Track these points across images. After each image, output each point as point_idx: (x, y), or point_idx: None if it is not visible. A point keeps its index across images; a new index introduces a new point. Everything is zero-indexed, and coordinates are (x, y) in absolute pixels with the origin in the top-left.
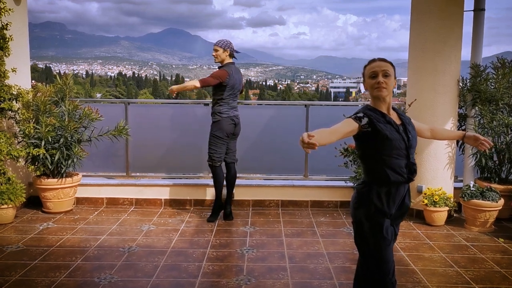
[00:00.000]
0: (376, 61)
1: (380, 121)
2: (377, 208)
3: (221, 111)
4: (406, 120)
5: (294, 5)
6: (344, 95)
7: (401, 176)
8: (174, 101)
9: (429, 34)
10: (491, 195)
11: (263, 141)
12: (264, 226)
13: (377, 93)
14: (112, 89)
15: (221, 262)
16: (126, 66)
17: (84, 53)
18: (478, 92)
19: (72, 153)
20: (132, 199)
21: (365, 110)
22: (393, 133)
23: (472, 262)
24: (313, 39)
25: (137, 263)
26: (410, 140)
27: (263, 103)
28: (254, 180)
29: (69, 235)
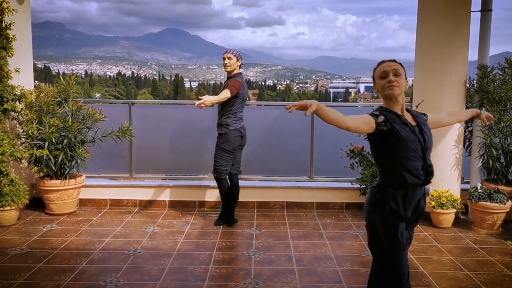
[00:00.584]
0: (385, 62)
1: (396, 122)
2: (392, 211)
3: (228, 123)
4: (421, 121)
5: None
6: (343, 96)
7: (418, 178)
8: (176, 102)
9: (435, 35)
10: (498, 197)
11: (267, 142)
12: (269, 228)
13: (389, 91)
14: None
15: (228, 265)
16: (125, 66)
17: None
18: (486, 93)
19: (76, 154)
20: (136, 201)
21: (380, 110)
22: (409, 134)
23: (482, 265)
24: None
25: (143, 266)
26: (426, 141)
27: (266, 103)
28: (258, 181)
29: (73, 237)
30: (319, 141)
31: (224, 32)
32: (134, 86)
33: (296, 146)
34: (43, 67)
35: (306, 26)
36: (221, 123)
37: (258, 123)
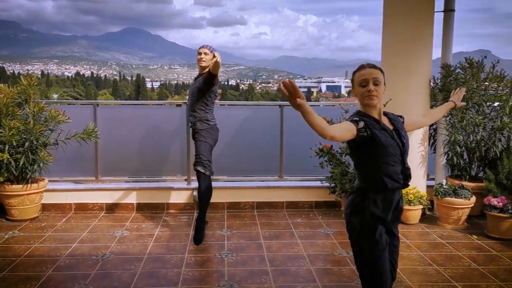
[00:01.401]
0: (366, 68)
1: (376, 128)
2: (373, 215)
3: (208, 118)
4: (398, 125)
5: (254, 5)
6: (306, 95)
7: (397, 182)
8: (142, 103)
9: (401, 35)
10: (463, 192)
11: (236, 143)
12: (241, 229)
13: (368, 101)
14: (69, 90)
15: (201, 267)
16: (84, 66)
17: (39, 53)
18: (449, 92)
19: (38, 158)
20: (102, 204)
21: (359, 115)
22: (389, 139)
23: (450, 260)
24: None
25: (112, 271)
26: (404, 145)
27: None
28: (228, 182)
29: (37, 243)
30: (288, 141)
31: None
32: (94, 86)
33: (265, 146)
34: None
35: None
36: (200, 118)
37: (226, 123)
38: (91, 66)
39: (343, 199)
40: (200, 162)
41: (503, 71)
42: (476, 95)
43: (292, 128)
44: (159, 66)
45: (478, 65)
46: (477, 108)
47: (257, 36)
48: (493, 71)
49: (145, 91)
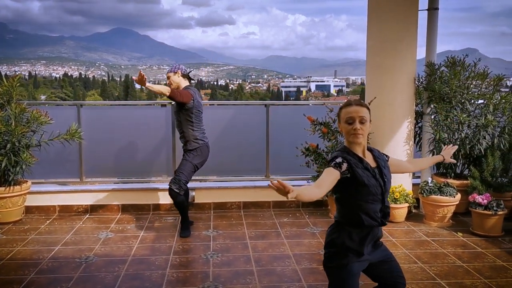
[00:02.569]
0: (352, 105)
1: (359, 167)
2: (348, 248)
3: (197, 137)
4: (382, 163)
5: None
6: (295, 94)
7: (375, 220)
8: (128, 103)
9: (386, 33)
10: (448, 190)
11: (223, 143)
12: (227, 229)
13: (353, 139)
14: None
15: (186, 268)
16: (72, 67)
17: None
18: (433, 91)
19: (20, 159)
20: (87, 206)
21: (343, 154)
22: (370, 179)
23: (435, 257)
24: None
25: (96, 274)
26: (386, 184)
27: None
28: (215, 182)
29: (20, 246)
30: (274, 140)
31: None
32: (82, 87)
33: (252, 146)
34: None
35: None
36: (189, 138)
37: (213, 123)
38: (79, 67)
39: (330, 198)
40: (177, 181)
41: (486, 68)
42: (459, 94)
43: (278, 128)
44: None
45: (461, 63)
46: (461, 106)
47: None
48: (475, 69)
49: (134, 91)
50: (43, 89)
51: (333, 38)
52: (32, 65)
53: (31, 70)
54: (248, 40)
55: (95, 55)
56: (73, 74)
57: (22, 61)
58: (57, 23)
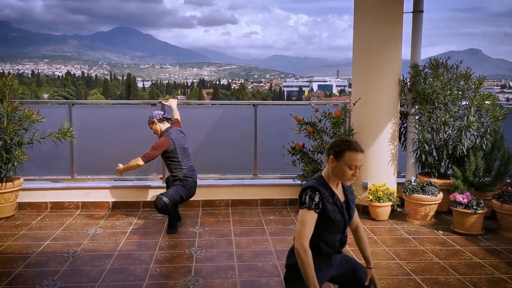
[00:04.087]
0: (359, 152)
1: (329, 202)
2: None
3: (186, 174)
4: (350, 196)
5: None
6: (297, 94)
7: (332, 249)
8: (121, 102)
9: (371, 34)
10: (430, 189)
11: (212, 141)
12: (213, 226)
13: (347, 182)
14: (60, 89)
15: (169, 263)
16: (75, 66)
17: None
18: (417, 92)
19: (12, 157)
20: (78, 203)
21: (319, 185)
22: (337, 215)
23: (413, 254)
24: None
25: (81, 268)
26: (350, 218)
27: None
28: (204, 180)
29: (10, 241)
30: (262, 139)
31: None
32: (85, 86)
33: (240, 145)
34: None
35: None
36: (178, 177)
37: (202, 122)
38: (82, 66)
39: None
40: (167, 196)
41: (469, 69)
42: (442, 95)
43: (266, 127)
44: (150, 66)
45: (443, 65)
46: (443, 107)
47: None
48: (457, 71)
49: (136, 90)
50: (46, 87)
51: (336, 38)
52: (35, 64)
53: (34, 68)
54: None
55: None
56: (76, 73)
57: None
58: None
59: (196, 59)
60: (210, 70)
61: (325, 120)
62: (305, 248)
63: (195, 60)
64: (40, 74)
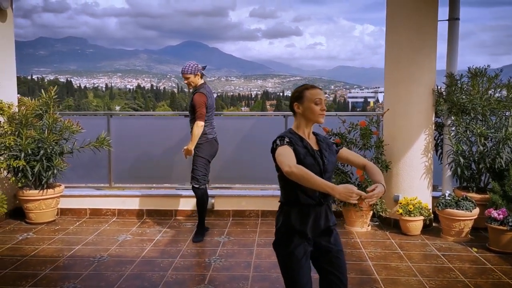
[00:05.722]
0: (317, 88)
1: (298, 144)
2: (287, 226)
3: (206, 132)
4: (323, 145)
5: (310, 15)
6: (362, 105)
7: (312, 199)
8: (158, 113)
9: (403, 44)
10: (465, 204)
11: (245, 151)
12: (239, 236)
13: (319, 119)
14: (130, 102)
15: (187, 271)
16: (145, 79)
17: (104, 67)
18: (452, 102)
19: (53, 165)
20: (114, 210)
21: (288, 133)
22: (308, 157)
23: (438, 271)
24: (329, 49)
25: (103, 272)
26: (325, 164)
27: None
28: (235, 190)
29: (46, 245)
30: None
31: (241, 44)
32: (153, 98)
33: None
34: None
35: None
36: (204, 132)
37: (234, 133)
38: (152, 79)
39: (345, 209)
40: (194, 177)
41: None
42: (479, 106)
43: None
44: (216, 78)
45: (482, 74)
46: (481, 118)
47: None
48: (496, 80)
49: None
50: (118, 100)
51: None
52: (109, 78)
53: (108, 82)
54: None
55: (167, 67)
56: (146, 86)
57: (100, 74)
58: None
59: (260, 71)
60: (274, 82)
61: (354, 132)
62: (293, 166)
63: (259, 72)
64: (113, 88)
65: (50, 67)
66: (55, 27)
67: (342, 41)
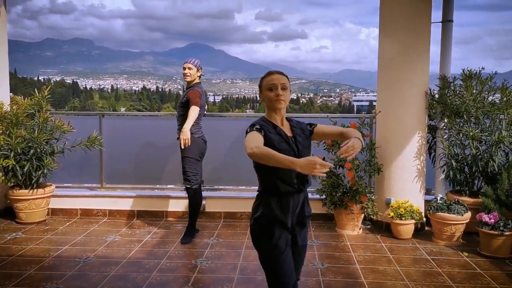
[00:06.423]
0: (274, 73)
1: (271, 132)
2: (267, 217)
3: (192, 131)
4: (297, 131)
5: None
6: (367, 108)
7: (291, 186)
8: (150, 114)
9: (395, 45)
10: (457, 208)
11: (236, 152)
12: (228, 238)
13: (276, 105)
14: (136, 103)
15: (172, 273)
16: (151, 81)
17: (110, 68)
18: (445, 104)
19: (43, 164)
20: (105, 210)
21: (260, 121)
22: (282, 144)
23: (426, 276)
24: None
25: (88, 273)
26: (300, 150)
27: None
28: (226, 192)
29: (33, 245)
30: None
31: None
32: (159, 100)
33: None
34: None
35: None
36: None
37: (226, 134)
38: (157, 81)
39: (336, 212)
40: (185, 178)
41: (506, 82)
42: (473, 108)
43: None
44: (221, 81)
45: (476, 76)
46: (474, 121)
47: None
48: (490, 82)
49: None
50: (123, 101)
51: None
52: (115, 79)
53: (114, 83)
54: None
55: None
56: (151, 88)
57: (106, 75)
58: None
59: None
60: None
61: None
62: (254, 147)
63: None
64: (119, 89)
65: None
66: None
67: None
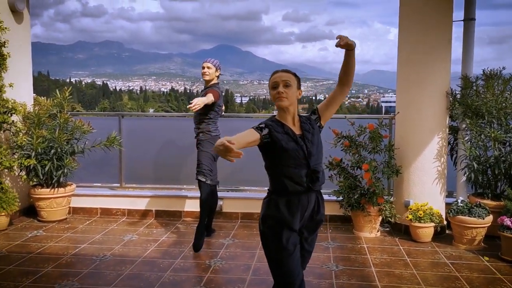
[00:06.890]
0: (278, 72)
1: (278, 131)
2: (275, 218)
3: (210, 129)
4: (306, 127)
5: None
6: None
7: (300, 185)
8: (169, 115)
9: (415, 46)
10: (478, 211)
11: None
12: (244, 238)
13: (278, 102)
14: (164, 104)
15: (185, 272)
16: (179, 82)
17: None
18: (467, 105)
19: (64, 164)
20: (124, 210)
21: (267, 121)
22: (289, 143)
23: (443, 280)
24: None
25: (103, 271)
26: (308, 148)
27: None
28: (244, 192)
29: (53, 243)
30: None
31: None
32: (186, 101)
33: None
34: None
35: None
36: (202, 130)
37: None
38: (185, 82)
39: (353, 213)
40: (200, 171)
41: None
42: (495, 109)
43: None
44: (249, 82)
45: (498, 76)
46: (496, 122)
47: None
48: (510, 82)
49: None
50: (152, 103)
51: None
52: (144, 81)
53: (143, 85)
54: None
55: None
56: (179, 89)
57: (135, 77)
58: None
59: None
60: (307, 86)
61: (363, 135)
62: None
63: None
64: (147, 90)
65: (88, 70)
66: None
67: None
